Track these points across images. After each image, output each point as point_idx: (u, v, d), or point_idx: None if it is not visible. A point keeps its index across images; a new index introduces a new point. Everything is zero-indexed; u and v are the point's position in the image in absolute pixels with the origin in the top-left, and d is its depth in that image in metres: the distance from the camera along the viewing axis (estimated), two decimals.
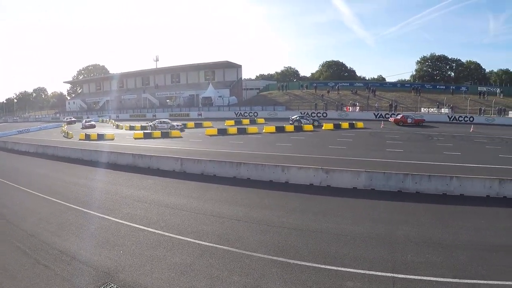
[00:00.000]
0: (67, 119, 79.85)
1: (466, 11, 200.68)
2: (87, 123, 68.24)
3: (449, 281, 10.11)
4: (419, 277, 10.31)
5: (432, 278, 10.24)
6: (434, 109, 67.40)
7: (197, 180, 22.36)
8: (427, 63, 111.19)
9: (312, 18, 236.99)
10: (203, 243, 12.90)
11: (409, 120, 52.85)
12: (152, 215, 16.26)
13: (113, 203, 18.43)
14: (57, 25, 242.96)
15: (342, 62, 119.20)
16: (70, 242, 13.48)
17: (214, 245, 12.70)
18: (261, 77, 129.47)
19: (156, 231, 14.19)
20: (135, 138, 46.45)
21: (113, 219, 15.84)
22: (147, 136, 47.08)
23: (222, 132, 47.46)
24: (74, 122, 79.06)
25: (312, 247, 12.44)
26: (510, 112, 62.76)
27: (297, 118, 53.28)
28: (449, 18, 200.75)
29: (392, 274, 10.49)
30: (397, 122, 53.27)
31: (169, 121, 55.61)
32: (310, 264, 11.14)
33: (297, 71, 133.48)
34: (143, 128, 56.35)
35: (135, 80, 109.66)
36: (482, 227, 14.39)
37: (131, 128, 58.69)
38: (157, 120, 57.03)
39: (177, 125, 52.71)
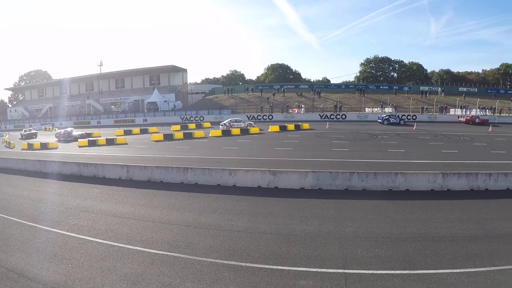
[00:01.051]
0: (25, 131, 66.89)
1: (408, 15, 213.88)
2: (26, 132, 63.00)
3: (399, 273, 10.62)
4: (370, 271, 10.74)
5: (383, 272, 10.70)
6: (378, 108, 70.45)
7: (144, 187, 21.97)
8: (370, 65, 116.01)
9: (259, 22, 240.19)
10: (153, 251, 12.68)
11: (476, 120, 56.62)
12: (100, 225, 15.77)
13: (59, 214, 17.63)
14: None
15: (287, 65, 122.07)
16: (16, 258, 12.76)
17: (165, 252, 12.53)
18: (207, 81, 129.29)
19: (105, 242, 13.77)
20: (80, 146, 44.74)
21: (60, 231, 15.17)
22: (92, 143, 45.50)
23: (168, 137, 46.89)
24: (35, 135, 63.44)
25: (263, 248, 12.59)
26: (451, 109, 67.24)
27: (228, 122, 53.69)
28: (392, 21, 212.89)
29: (344, 270, 10.84)
30: (467, 122, 56.87)
31: (73, 130, 54.26)
32: (262, 265, 11.28)
33: (242, 74, 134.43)
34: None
35: (79, 86, 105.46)
36: (428, 219, 15.28)
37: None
38: (60, 130, 55.47)
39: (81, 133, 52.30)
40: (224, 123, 53.93)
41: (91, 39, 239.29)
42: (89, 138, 49.57)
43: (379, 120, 57.61)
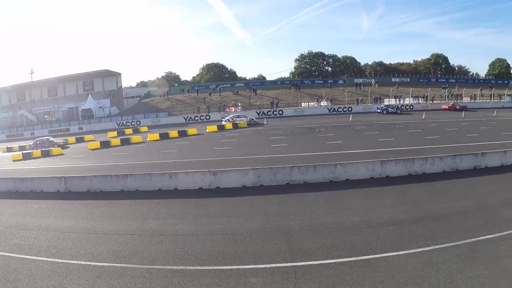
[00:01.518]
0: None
1: (341, 10, 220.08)
2: None
3: (347, 260, 10.90)
4: (318, 262, 10.91)
5: (330, 261, 10.92)
6: (314, 102, 71.93)
7: (84, 198, 20.94)
8: (305, 60, 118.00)
9: (193, 22, 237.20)
10: (99, 264, 12.09)
11: (457, 107, 61.88)
12: (42, 242, 14.75)
13: None
14: None
15: (222, 64, 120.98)
16: None
17: (111, 264, 11.98)
18: (142, 84, 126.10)
19: (49, 259, 12.90)
20: (14, 160, 41.74)
21: (0, 253, 14.13)
22: (27, 157, 42.66)
23: (105, 144, 45.17)
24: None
25: (210, 250, 12.43)
26: (385, 99, 70.17)
27: (231, 118, 55.43)
28: (325, 17, 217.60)
29: (292, 264, 10.95)
30: (449, 108, 61.81)
31: (52, 138, 51.43)
32: (210, 267, 11.15)
33: (178, 75, 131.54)
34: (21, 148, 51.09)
35: (10, 96, 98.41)
36: (370, 206, 15.84)
37: (9, 149, 52.86)
38: (37, 139, 52.33)
39: (58, 142, 49.12)
40: (227, 119, 55.68)
41: (20, 45, 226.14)
42: (23, 151, 46.73)
43: (378, 111, 61.33)
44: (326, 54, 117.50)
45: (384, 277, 9.93)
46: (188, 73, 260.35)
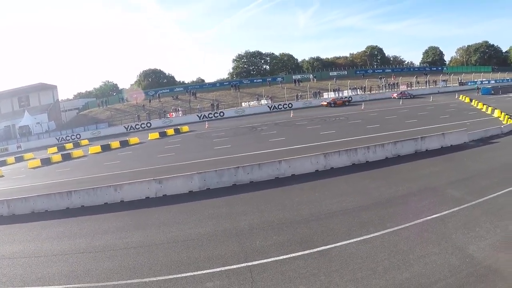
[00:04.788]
0: None
1: (277, 9, 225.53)
2: None
3: (300, 254, 11.11)
4: (272, 259, 11.02)
5: (284, 256, 11.07)
6: (255, 101, 72.53)
7: (30, 220, 19.81)
8: (243, 60, 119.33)
9: (129, 28, 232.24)
10: (52, 287, 11.58)
11: (408, 95, 66.17)
12: None
13: None
14: None
15: (160, 70, 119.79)
16: None
17: (64, 286, 11.44)
18: (80, 96, 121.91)
19: None
20: None
21: None
22: None
23: (46, 161, 43.05)
24: None
25: (163, 259, 12.20)
26: (324, 93, 72.17)
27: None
28: (262, 17, 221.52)
29: (247, 264, 10.99)
30: (399, 97, 64.69)
31: None
32: (165, 277, 10.95)
33: (116, 84, 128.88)
34: None
35: None
36: (317, 199, 16.24)
37: None
38: None
39: None
40: (329, 102, 61.68)
41: None
42: None
43: (395, 96, 65.35)
44: (264, 52, 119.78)
45: (338, 266, 10.20)
46: (126, 81, 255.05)
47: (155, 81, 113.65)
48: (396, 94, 65.76)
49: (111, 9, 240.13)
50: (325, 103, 62.90)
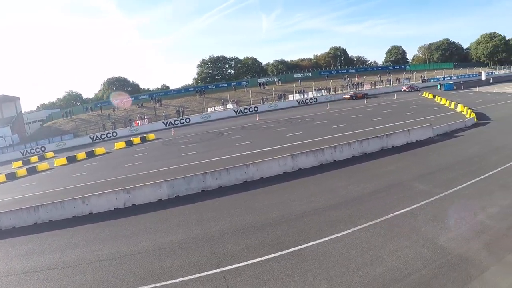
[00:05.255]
0: None
1: (240, 14, 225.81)
2: None
3: (273, 256, 11.11)
4: (245, 263, 11.00)
5: (257, 259, 11.07)
6: (220, 106, 72.39)
7: None
8: (207, 65, 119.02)
9: (91, 35, 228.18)
10: None
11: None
12: None
13: None
14: None
15: (124, 78, 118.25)
16: None
17: None
18: (43, 107, 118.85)
19: None
20: None
21: None
22: None
23: (11, 176, 41.62)
24: None
25: (136, 270, 11.98)
26: (289, 95, 72.72)
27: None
28: (225, 21, 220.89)
29: (220, 269, 10.93)
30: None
31: None
32: (139, 287, 10.77)
33: (80, 94, 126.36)
34: None
35: None
36: (287, 200, 16.33)
37: None
38: None
39: None
40: (351, 95, 65.97)
41: None
42: None
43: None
44: (228, 57, 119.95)
45: (312, 266, 10.26)
46: (90, 90, 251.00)
47: (120, 89, 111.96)
48: (348, 95, 67.22)
49: (71, 15, 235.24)
50: (348, 96, 66.34)
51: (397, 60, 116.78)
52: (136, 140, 50.12)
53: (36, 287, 12.47)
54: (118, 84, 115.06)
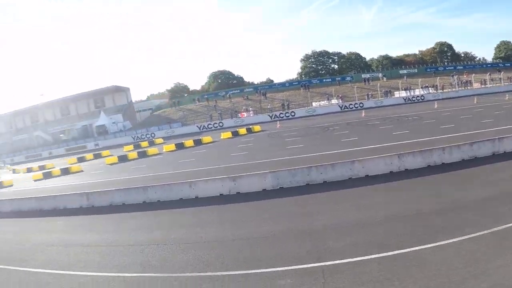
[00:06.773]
0: None
1: (339, 8, 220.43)
2: None
3: (375, 257, 10.76)
4: (346, 260, 10.79)
5: (358, 258, 10.80)
6: (325, 101, 71.87)
7: (107, 212, 21.11)
8: (310, 60, 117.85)
9: (197, 30, 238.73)
10: (128, 274, 12.14)
11: None
12: (69, 257, 14.81)
13: (26, 252, 16.42)
14: None
15: (229, 71, 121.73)
16: None
17: (140, 274, 12.03)
18: (152, 97, 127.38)
19: (78, 273, 12.95)
20: (35, 180, 42.51)
21: (30, 269, 14.12)
22: (47, 176, 43.27)
23: (123, 158, 45.48)
24: None
25: (236, 255, 12.42)
26: (395, 92, 69.92)
27: None
28: (327, 16, 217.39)
29: (320, 264, 10.85)
30: None
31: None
32: (238, 272, 11.11)
33: (186, 85, 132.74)
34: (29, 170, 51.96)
35: (24, 119, 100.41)
36: (392, 201, 15.71)
37: (29, 170, 53.73)
38: None
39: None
40: None
41: (30, 68, 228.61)
42: (44, 170, 47.48)
43: None
44: (331, 52, 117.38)
45: (413, 272, 9.71)
46: (196, 82, 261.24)
47: (225, 82, 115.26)
48: None
49: (173, 11, 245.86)
50: None
51: (507, 56, 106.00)
52: (242, 131, 51.57)
53: (140, 259, 13.45)
54: (223, 76, 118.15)
